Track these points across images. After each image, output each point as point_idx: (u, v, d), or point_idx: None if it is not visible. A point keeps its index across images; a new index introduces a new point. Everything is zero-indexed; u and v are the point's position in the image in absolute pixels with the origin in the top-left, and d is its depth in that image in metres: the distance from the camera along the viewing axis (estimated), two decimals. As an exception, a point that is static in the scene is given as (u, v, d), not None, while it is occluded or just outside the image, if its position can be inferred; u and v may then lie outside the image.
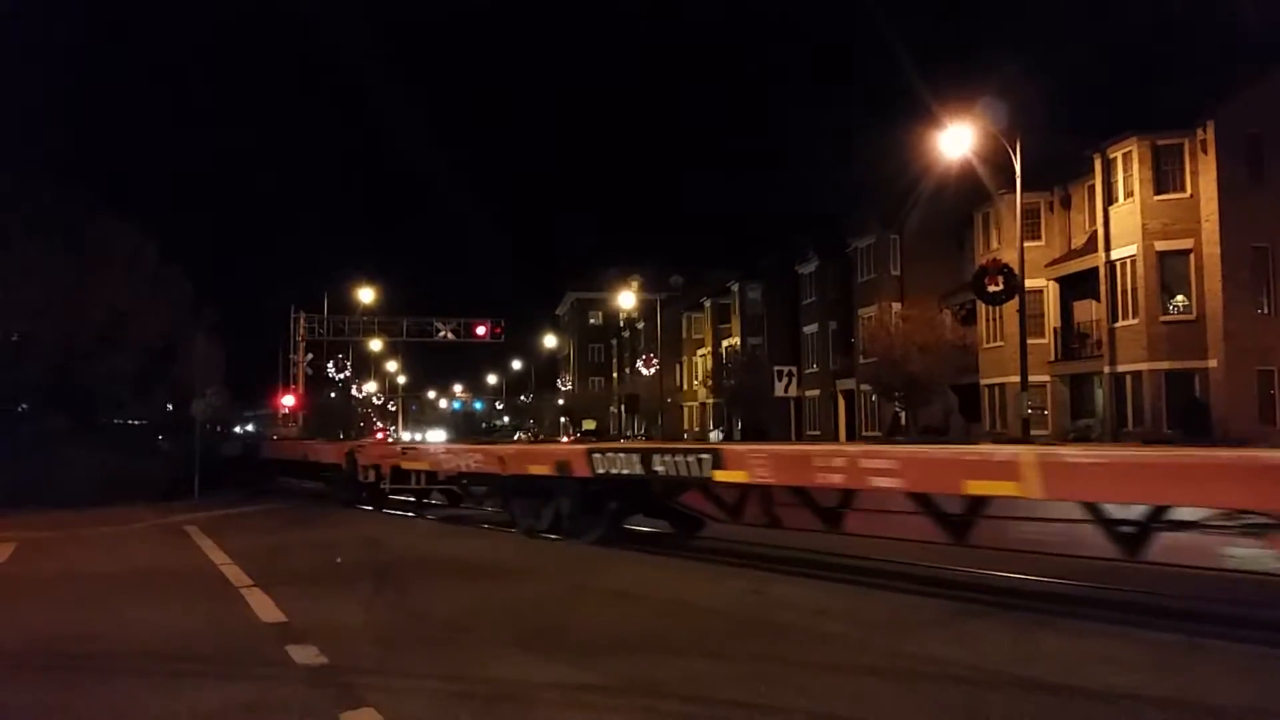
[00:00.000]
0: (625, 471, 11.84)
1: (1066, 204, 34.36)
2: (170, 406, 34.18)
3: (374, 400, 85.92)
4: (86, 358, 27.26)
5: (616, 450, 12.20)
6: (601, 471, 12.18)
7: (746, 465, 10.31)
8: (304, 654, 6.87)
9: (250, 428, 60.89)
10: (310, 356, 47.76)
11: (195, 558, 12.89)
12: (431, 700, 5.82)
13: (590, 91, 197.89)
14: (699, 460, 10.82)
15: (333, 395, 59.16)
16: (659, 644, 7.33)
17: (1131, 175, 29.35)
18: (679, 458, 11.13)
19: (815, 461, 9.70)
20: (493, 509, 17.31)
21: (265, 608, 8.79)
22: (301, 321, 45.89)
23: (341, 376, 59.76)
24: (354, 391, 69.28)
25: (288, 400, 44.46)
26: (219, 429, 41.13)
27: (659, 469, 11.34)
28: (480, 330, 49.49)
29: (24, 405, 29.33)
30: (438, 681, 6.19)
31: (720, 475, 10.57)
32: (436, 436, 69.73)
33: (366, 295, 51.86)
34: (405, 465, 18.29)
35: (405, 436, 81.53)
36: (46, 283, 25.45)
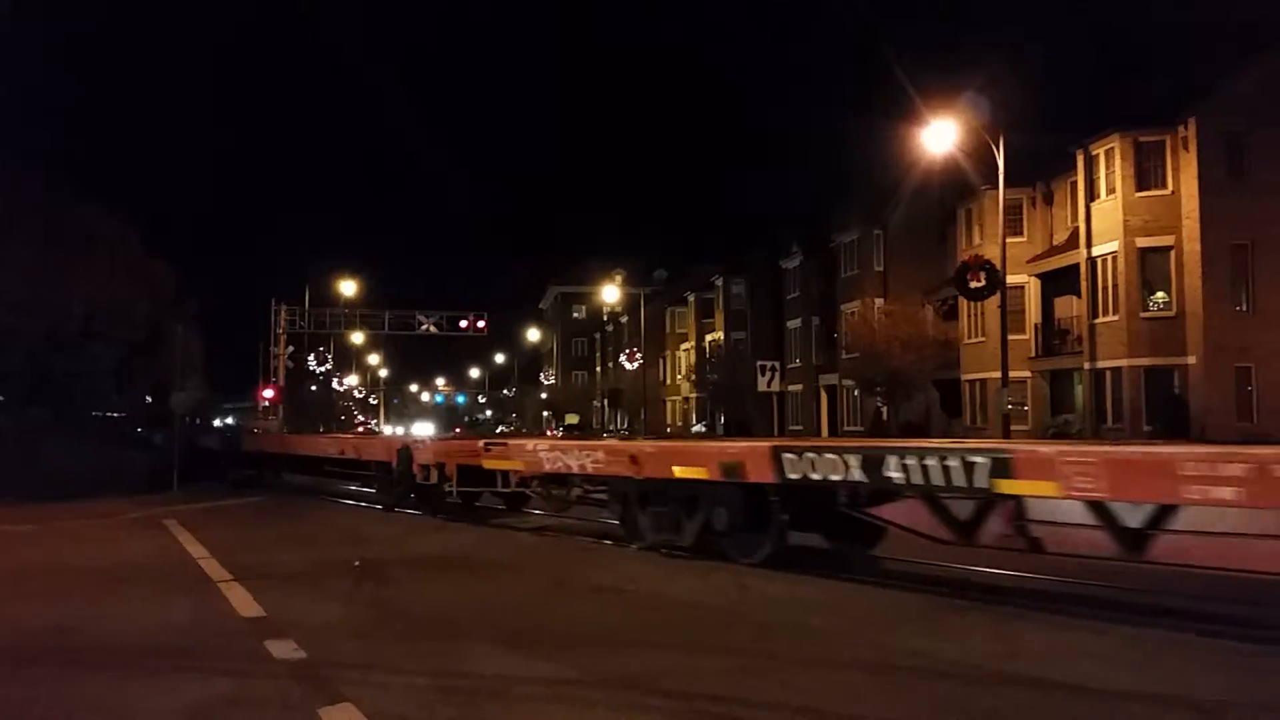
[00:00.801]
0: (834, 477, 9.43)
1: (1049, 200, 34.50)
2: (150, 399, 34.02)
3: (355, 393, 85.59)
4: (67, 350, 27.06)
5: (820, 449, 9.69)
6: (794, 477, 9.71)
7: (1056, 474, 7.73)
8: (282, 649, 6.83)
9: (230, 420, 60.62)
10: (291, 349, 47.45)
11: (174, 552, 12.80)
12: (411, 695, 5.79)
13: (575, 84, 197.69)
14: (969, 466, 8.22)
15: (313, 388, 58.84)
16: (642, 639, 7.33)
17: (1114, 172, 29.47)
18: (934, 461, 8.54)
19: (1187, 469, 7.05)
20: (578, 518, 15.32)
21: (244, 602, 8.74)
22: (283, 314, 45.58)
23: (323, 369, 59.45)
24: (335, 384, 68.95)
25: (268, 393, 44.21)
26: (198, 421, 40.93)
27: (894, 475, 8.85)
28: (463, 323, 49.29)
29: (2, 397, 29.13)
30: (417, 677, 6.15)
31: (1009, 487, 8.06)
32: (424, 429, 69.43)
33: (348, 288, 51.56)
34: (488, 464, 15.36)
35: (387, 430, 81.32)
36: (27, 274, 25.23)
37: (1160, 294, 28.95)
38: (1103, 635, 7.20)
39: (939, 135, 27.01)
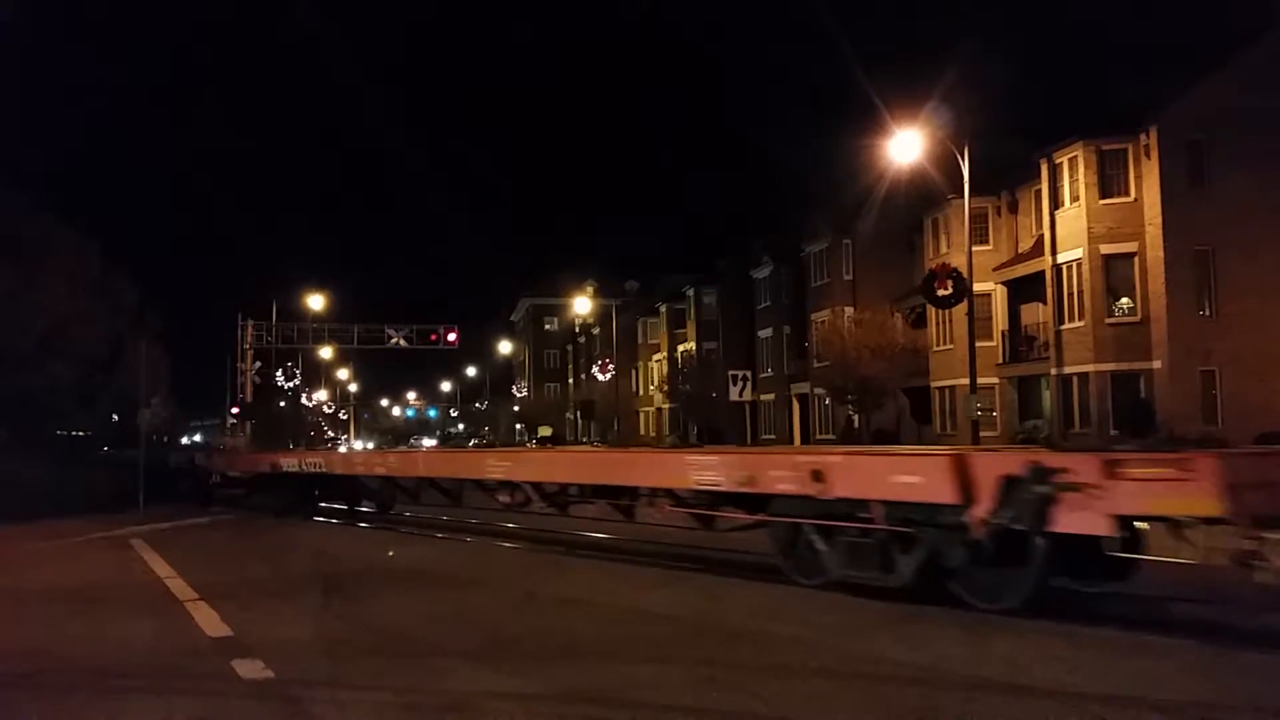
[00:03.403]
0: None
1: (1014, 208, 34.85)
2: (116, 417, 33.59)
3: (325, 409, 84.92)
4: (26, 367, 26.65)
5: None
6: None
7: None
8: (249, 668, 6.73)
9: (198, 438, 59.97)
10: (259, 365, 46.95)
11: (139, 571, 12.62)
12: (378, 713, 5.73)
13: (545, 95, 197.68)
14: None
15: (282, 404, 58.27)
16: (609, 651, 7.29)
17: (1077, 180, 29.81)
18: None
19: None
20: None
21: (210, 621, 8.62)
22: (249, 329, 45.12)
23: (291, 385, 58.92)
24: (304, 400, 68.37)
25: (235, 410, 43.76)
26: (165, 439, 40.46)
27: None
28: (433, 337, 49.03)
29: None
30: (386, 694, 6.08)
31: None
32: (428, 444, 68.85)
33: (316, 302, 51.18)
34: None
35: (357, 445, 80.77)
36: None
37: (1125, 300, 29.28)
38: (1070, 640, 7.22)
39: (906, 145, 27.20)
